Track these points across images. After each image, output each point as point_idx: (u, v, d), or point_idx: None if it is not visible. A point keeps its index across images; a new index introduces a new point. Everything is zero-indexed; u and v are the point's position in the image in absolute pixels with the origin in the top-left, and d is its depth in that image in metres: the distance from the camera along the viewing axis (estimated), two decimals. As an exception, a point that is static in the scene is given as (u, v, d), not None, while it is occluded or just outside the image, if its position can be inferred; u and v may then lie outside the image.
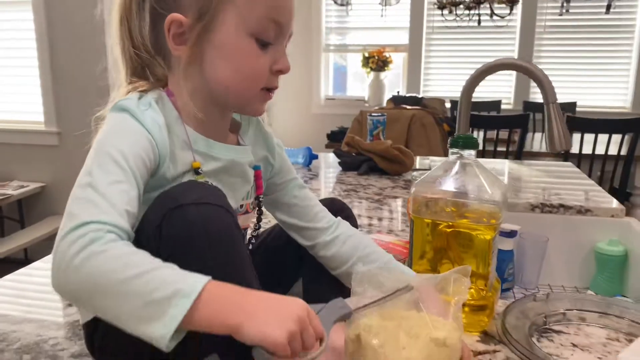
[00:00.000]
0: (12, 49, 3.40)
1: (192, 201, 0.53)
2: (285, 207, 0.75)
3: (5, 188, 3.28)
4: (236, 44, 0.60)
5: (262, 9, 0.59)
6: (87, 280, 0.46)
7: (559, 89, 4.30)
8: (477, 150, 0.74)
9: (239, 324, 0.46)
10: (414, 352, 0.55)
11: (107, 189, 0.52)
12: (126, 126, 0.58)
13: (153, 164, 0.58)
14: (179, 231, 0.52)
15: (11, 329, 0.75)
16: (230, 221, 0.55)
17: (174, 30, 0.60)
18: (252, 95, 0.63)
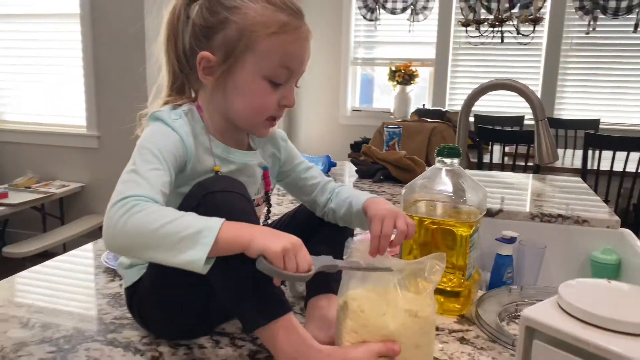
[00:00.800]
0: (60, 58, 3.64)
1: (219, 189, 0.67)
2: (298, 187, 0.91)
3: (49, 187, 3.50)
4: (251, 84, 0.74)
5: (277, 58, 0.73)
6: (132, 232, 0.60)
7: (584, 106, 4.35)
8: (493, 163, 0.86)
9: (249, 240, 0.61)
10: (390, 319, 0.67)
11: (146, 173, 0.66)
12: (160, 130, 0.73)
13: (181, 161, 0.73)
14: (210, 212, 0.64)
15: (62, 302, 0.90)
16: (247, 206, 0.69)
17: (203, 64, 0.75)
18: (258, 123, 0.78)
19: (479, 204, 0.86)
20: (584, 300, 0.51)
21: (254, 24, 0.72)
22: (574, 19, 4.34)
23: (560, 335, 0.49)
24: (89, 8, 3.37)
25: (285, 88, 0.76)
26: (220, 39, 0.73)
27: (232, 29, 0.73)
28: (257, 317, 0.65)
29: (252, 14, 0.72)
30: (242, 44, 0.72)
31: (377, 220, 0.76)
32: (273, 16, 0.72)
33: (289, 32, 0.73)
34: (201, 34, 0.75)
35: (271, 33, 0.72)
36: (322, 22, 4.96)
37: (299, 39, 0.74)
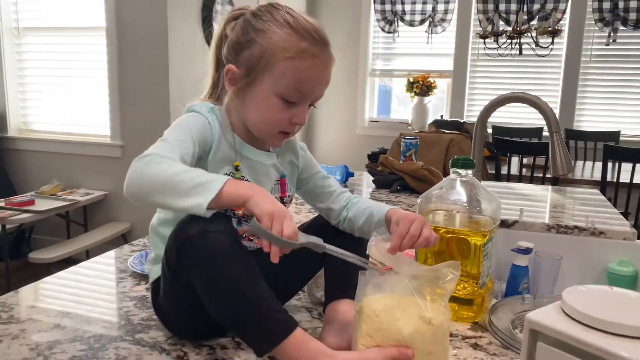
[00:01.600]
0: (86, 70, 3.75)
1: (198, 232, 0.69)
2: (315, 195, 0.96)
3: (73, 194, 3.59)
4: (265, 100, 0.81)
5: (290, 80, 0.79)
6: (151, 177, 0.69)
7: (604, 117, 4.33)
8: (511, 175, 0.88)
9: (249, 196, 0.68)
10: (404, 325, 0.69)
11: (173, 142, 0.75)
12: (191, 115, 0.82)
13: (207, 141, 0.81)
14: (191, 257, 0.70)
15: (90, 303, 0.94)
16: (227, 241, 0.69)
17: (229, 75, 0.83)
18: (270, 135, 0.85)
19: (492, 214, 0.88)
20: (586, 305, 0.53)
21: (275, 47, 0.79)
22: (593, 30, 4.32)
23: (563, 338, 0.51)
24: (114, 22, 3.48)
25: (299, 107, 0.82)
26: (245, 55, 0.81)
27: (256, 49, 0.80)
28: (261, 344, 0.68)
29: (275, 38, 0.79)
30: (262, 63, 0.80)
31: (406, 221, 0.80)
32: (294, 42, 0.79)
33: (305, 58, 0.79)
34: (232, 49, 0.83)
35: (288, 57, 0.78)
36: (341, 33, 5.02)
37: (315, 66, 0.80)
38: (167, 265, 0.75)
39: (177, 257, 0.71)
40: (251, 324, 0.68)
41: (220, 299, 0.69)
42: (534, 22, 4.21)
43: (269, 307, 0.68)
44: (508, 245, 1.32)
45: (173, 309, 0.79)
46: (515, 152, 3.14)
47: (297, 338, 0.67)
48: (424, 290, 0.74)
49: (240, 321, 0.69)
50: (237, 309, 0.68)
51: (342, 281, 0.84)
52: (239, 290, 0.68)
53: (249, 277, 0.69)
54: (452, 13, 4.64)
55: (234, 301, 0.68)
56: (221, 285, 0.68)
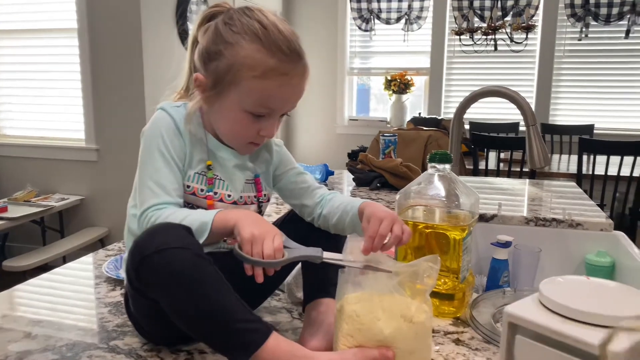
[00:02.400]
0: (59, 72, 3.67)
1: (154, 250, 0.65)
2: (288, 191, 0.94)
3: (48, 200, 3.51)
4: (232, 114, 0.80)
5: (257, 98, 0.77)
6: None
7: (578, 111, 4.40)
8: (489, 169, 0.88)
9: (233, 224, 0.71)
10: (385, 324, 0.68)
11: (160, 179, 0.77)
12: (160, 121, 0.80)
13: (182, 145, 0.80)
14: (150, 278, 0.67)
15: (64, 309, 0.91)
16: (188, 257, 0.66)
17: (197, 83, 0.81)
18: (239, 145, 0.84)
19: (471, 208, 0.88)
20: (564, 296, 0.53)
21: (241, 64, 0.76)
22: (566, 26, 4.39)
23: (540, 330, 0.51)
24: (86, 23, 3.41)
25: (268, 120, 0.81)
26: (213, 67, 0.79)
27: (224, 63, 0.78)
28: (235, 357, 0.66)
29: (243, 54, 0.76)
30: (228, 78, 0.78)
31: (375, 220, 0.77)
32: (262, 60, 0.76)
33: (272, 77, 0.76)
34: (201, 58, 0.81)
35: (255, 76, 0.76)
36: (318, 33, 5.01)
37: (285, 84, 0.78)
38: (129, 282, 0.72)
39: (137, 277, 0.68)
40: (222, 339, 0.65)
41: (186, 318, 0.66)
42: (508, 18, 4.26)
43: (239, 319, 0.65)
44: (487, 239, 1.32)
45: (146, 317, 0.76)
46: (492, 147, 3.17)
47: (272, 344, 0.65)
48: (405, 287, 0.73)
49: (211, 337, 0.67)
50: (206, 326, 0.65)
51: (320, 280, 0.83)
52: (205, 307, 0.65)
53: (214, 291, 0.66)
54: (427, 10, 4.67)
55: (202, 319, 0.65)
56: (186, 304, 0.65)
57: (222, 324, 0.65)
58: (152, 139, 0.79)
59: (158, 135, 0.79)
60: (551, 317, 0.52)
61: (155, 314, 0.73)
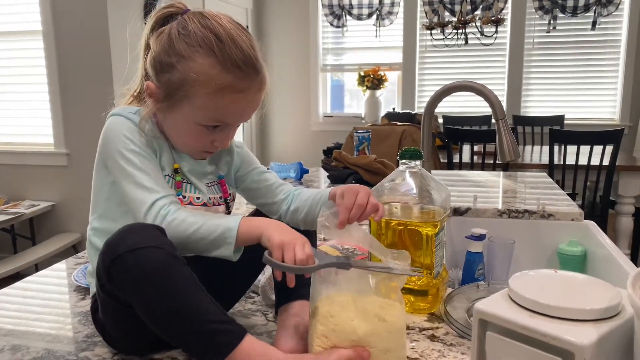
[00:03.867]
0: (24, 76, 3.58)
1: (127, 249, 0.64)
2: (252, 191, 0.92)
3: (18, 207, 3.43)
4: (185, 126, 0.78)
5: (211, 114, 0.75)
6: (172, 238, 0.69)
7: (549, 102, 4.47)
8: (463, 163, 0.87)
9: (261, 232, 0.70)
10: (359, 324, 0.68)
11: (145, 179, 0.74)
12: (118, 125, 0.78)
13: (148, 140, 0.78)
14: (122, 277, 0.65)
15: (31, 324, 0.89)
16: (161, 256, 0.65)
17: (149, 91, 0.78)
18: (192, 153, 0.82)
19: (442, 204, 0.88)
20: (532, 290, 0.53)
21: (194, 80, 0.73)
22: (534, 18, 4.46)
23: (510, 325, 0.51)
24: (52, 24, 3.33)
25: (222, 132, 0.79)
26: (165, 78, 0.76)
27: (176, 76, 0.75)
28: (210, 357, 0.65)
29: (196, 70, 0.73)
30: (181, 92, 0.75)
31: (351, 193, 0.77)
32: (217, 77, 0.73)
33: (226, 95, 0.74)
34: (153, 66, 0.78)
35: (208, 93, 0.74)
36: (290, 30, 4.99)
37: (239, 100, 0.75)
38: (100, 285, 0.70)
39: (108, 278, 0.66)
40: (195, 340, 0.64)
41: (159, 319, 0.65)
42: (477, 12, 4.30)
43: (212, 320, 0.64)
44: (462, 233, 1.33)
45: (114, 326, 0.74)
46: (466, 140, 3.20)
47: (246, 346, 0.64)
48: (380, 285, 0.73)
49: (184, 339, 0.65)
50: (179, 327, 0.64)
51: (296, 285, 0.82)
52: (178, 308, 0.64)
53: (187, 291, 0.65)
54: (398, 6, 4.69)
55: (175, 319, 0.64)
56: (159, 305, 0.64)
57: (195, 324, 0.64)
58: (116, 144, 0.75)
59: (121, 138, 0.76)
60: (520, 312, 0.52)
61: (125, 321, 0.72)
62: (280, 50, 5.03)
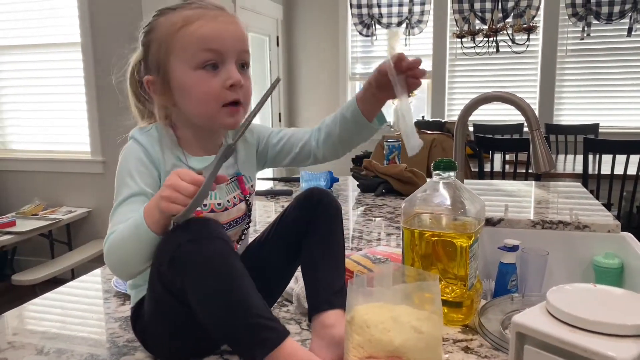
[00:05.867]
0: (63, 86, 3.71)
1: (191, 237, 0.67)
2: (279, 154, 0.94)
3: (56, 213, 3.53)
4: (186, 80, 0.79)
5: (195, 46, 0.77)
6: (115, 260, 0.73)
7: (582, 111, 4.40)
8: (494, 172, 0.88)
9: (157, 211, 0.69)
10: (396, 335, 0.68)
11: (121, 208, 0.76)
12: (129, 150, 0.81)
13: (153, 169, 0.80)
14: (184, 263, 0.67)
15: (75, 328, 0.92)
16: (221, 246, 0.68)
17: (150, 87, 0.82)
18: (216, 113, 0.80)
19: (477, 215, 0.88)
20: (571, 305, 0.53)
21: (164, 30, 0.79)
22: (567, 25, 4.39)
23: (549, 340, 0.51)
24: (90, 36, 3.44)
25: (225, 69, 0.79)
26: (150, 59, 0.82)
27: (154, 46, 0.81)
28: (253, 353, 0.66)
29: (162, 26, 0.80)
30: (162, 52, 0.79)
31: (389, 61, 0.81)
32: (178, 15, 0.79)
33: (194, 20, 0.78)
34: (142, 67, 0.84)
35: (178, 28, 0.78)
36: (319, 39, 5.03)
37: (208, 22, 0.78)
38: (158, 275, 0.72)
39: (169, 266, 0.68)
40: (244, 332, 0.66)
41: (213, 307, 0.67)
42: (509, 20, 4.26)
43: (261, 315, 0.67)
44: (495, 244, 1.32)
45: (157, 330, 0.77)
46: (497, 149, 3.16)
47: (288, 347, 0.66)
48: (413, 296, 0.73)
49: (234, 329, 0.67)
50: (230, 317, 0.66)
51: (323, 290, 0.81)
52: (232, 298, 0.66)
53: (242, 284, 0.67)
54: (428, 14, 4.68)
55: (227, 309, 0.66)
56: (215, 294, 0.66)
57: (246, 316, 0.66)
58: (121, 174, 0.80)
59: (126, 172, 0.79)
60: (559, 326, 0.52)
61: (169, 325, 0.75)
62: (309, 60, 5.07)
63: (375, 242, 1.34)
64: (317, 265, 0.82)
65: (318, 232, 0.83)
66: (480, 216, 0.89)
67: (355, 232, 1.44)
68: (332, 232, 0.84)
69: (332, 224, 0.85)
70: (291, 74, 5.19)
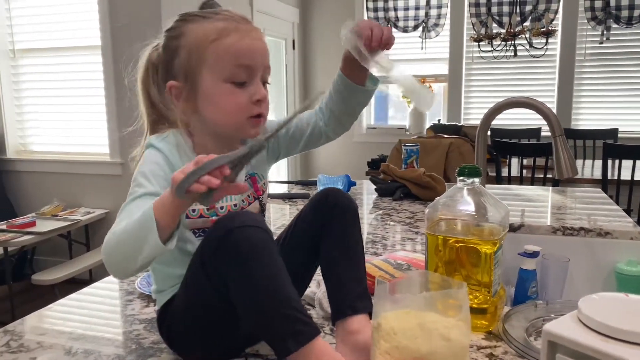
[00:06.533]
0: (83, 89, 3.75)
1: (238, 225, 0.70)
2: (290, 141, 0.96)
3: (74, 214, 3.58)
4: (215, 91, 0.80)
5: (228, 61, 0.79)
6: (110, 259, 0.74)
7: (601, 115, 4.36)
8: (511, 177, 0.88)
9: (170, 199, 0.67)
10: (423, 342, 0.67)
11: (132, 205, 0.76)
12: (149, 155, 0.82)
13: (169, 172, 0.80)
14: (231, 250, 0.69)
15: (99, 328, 0.94)
16: (265, 237, 0.71)
17: (173, 92, 0.83)
18: (240, 125, 0.82)
19: (501, 222, 0.88)
20: (603, 314, 0.52)
21: (196, 39, 0.80)
22: (586, 29, 4.35)
23: (582, 349, 0.51)
24: (109, 39, 3.48)
25: (252, 84, 0.81)
26: (177, 65, 0.82)
27: (183, 52, 0.81)
28: (287, 343, 0.67)
29: (194, 33, 0.80)
30: (193, 61, 0.80)
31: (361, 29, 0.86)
32: (211, 26, 0.80)
33: (228, 34, 0.79)
34: (164, 68, 0.84)
35: (212, 40, 0.79)
36: (335, 41, 5.04)
37: (242, 37, 0.80)
38: (201, 264, 0.73)
39: (215, 250, 0.70)
40: (281, 321, 0.68)
41: (255, 294, 0.68)
42: (527, 24, 4.24)
43: (297, 308, 0.68)
44: (514, 250, 1.31)
45: (187, 329, 0.78)
46: (514, 154, 3.14)
47: (320, 344, 0.68)
48: (441, 304, 0.73)
49: (271, 318, 0.68)
50: (270, 304, 0.68)
51: (345, 295, 0.81)
52: (274, 287, 0.68)
53: (283, 275, 0.69)
54: (445, 18, 4.67)
55: (269, 297, 0.68)
56: (258, 280, 0.68)
57: (283, 306, 0.67)
58: (137, 176, 0.81)
59: (141, 174, 0.80)
60: (592, 335, 0.51)
61: (198, 326, 0.76)
62: (325, 63, 5.08)
63: (393, 247, 1.34)
64: (336, 269, 0.82)
65: (335, 235, 0.83)
66: (505, 222, 0.89)
67: (375, 236, 1.44)
68: (349, 234, 0.84)
69: (350, 226, 0.84)
70: (307, 77, 5.21)
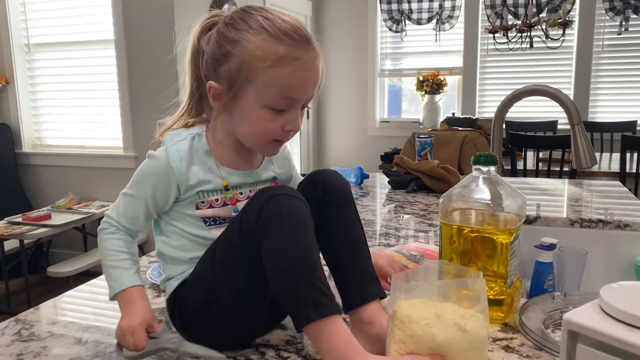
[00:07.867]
0: (97, 83, 3.78)
1: (282, 192, 0.72)
2: None
3: (89, 207, 3.61)
4: (252, 112, 0.77)
5: (276, 89, 0.75)
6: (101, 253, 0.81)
7: (619, 108, 4.29)
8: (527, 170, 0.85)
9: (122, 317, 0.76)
10: (438, 332, 0.66)
11: (126, 199, 0.82)
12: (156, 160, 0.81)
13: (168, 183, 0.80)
14: (272, 212, 0.70)
15: (110, 320, 0.93)
16: (306, 210, 0.72)
17: (212, 92, 0.80)
18: (263, 145, 0.81)
19: (518, 211, 0.85)
20: (626, 303, 0.50)
21: (252, 57, 0.74)
22: (604, 20, 4.27)
23: (604, 338, 0.49)
24: (123, 33, 3.49)
25: (290, 113, 0.78)
26: (224, 70, 0.77)
27: (234, 62, 0.76)
28: (309, 312, 0.66)
29: (251, 48, 0.74)
30: (242, 76, 0.76)
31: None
32: (271, 49, 0.74)
33: (287, 64, 0.74)
34: (210, 65, 0.80)
35: (267, 66, 0.74)
36: (348, 35, 5.01)
37: (299, 70, 0.75)
38: (240, 227, 0.73)
39: (258, 215, 0.70)
40: (309, 289, 0.67)
41: (287, 259, 0.68)
42: (543, 15, 4.17)
43: (326, 285, 0.69)
44: (531, 242, 1.29)
45: (201, 316, 0.77)
46: (530, 146, 3.09)
47: (339, 322, 0.67)
48: (451, 293, 0.71)
49: (298, 284, 0.68)
50: (302, 271, 0.68)
51: (352, 285, 0.80)
52: (308, 257, 0.68)
53: (314, 247, 0.71)
54: (459, 9, 4.61)
55: (300, 264, 0.68)
56: (293, 248, 0.68)
57: (312, 277, 0.68)
58: (138, 172, 0.83)
59: (142, 175, 0.82)
60: (615, 325, 0.49)
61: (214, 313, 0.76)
62: (338, 56, 5.05)
63: (406, 239, 1.33)
64: (339, 260, 0.81)
65: (332, 224, 0.81)
66: (522, 212, 0.87)
67: (388, 228, 1.43)
68: (346, 220, 0.82)
69: (345, 211, 0.82)
70: (319, 71, 5.18)
